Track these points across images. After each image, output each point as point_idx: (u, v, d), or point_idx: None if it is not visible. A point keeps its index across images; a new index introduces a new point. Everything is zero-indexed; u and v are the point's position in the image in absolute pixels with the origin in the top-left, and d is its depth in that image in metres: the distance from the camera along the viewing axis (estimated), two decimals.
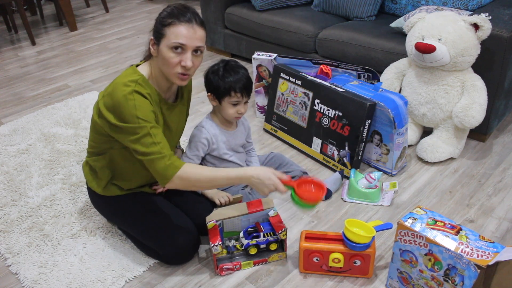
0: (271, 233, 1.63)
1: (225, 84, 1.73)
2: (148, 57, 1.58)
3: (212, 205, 1.78)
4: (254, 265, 1.67)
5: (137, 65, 1.59)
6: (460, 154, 2.20)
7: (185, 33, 1.45)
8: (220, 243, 1.56)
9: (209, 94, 1.79)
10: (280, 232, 1.59)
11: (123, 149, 1.59)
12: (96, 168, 1.68)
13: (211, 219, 1.60)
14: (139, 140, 1.45)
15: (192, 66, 1.49)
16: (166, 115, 1.62)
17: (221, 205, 1.78)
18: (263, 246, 1.64)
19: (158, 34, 1.48)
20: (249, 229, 1.65)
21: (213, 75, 1.76)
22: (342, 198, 1.98)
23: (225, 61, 1.78)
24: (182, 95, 1.71)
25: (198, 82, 2.77)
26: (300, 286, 1.59)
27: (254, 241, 1.62)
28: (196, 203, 1.77)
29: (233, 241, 1.65)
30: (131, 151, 1.50)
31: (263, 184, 1.49)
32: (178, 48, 1.46)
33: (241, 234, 1.64)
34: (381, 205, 1.93)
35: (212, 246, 1.55)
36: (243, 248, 1.63)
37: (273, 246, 1.66)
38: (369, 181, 1.94)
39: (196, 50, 1.49)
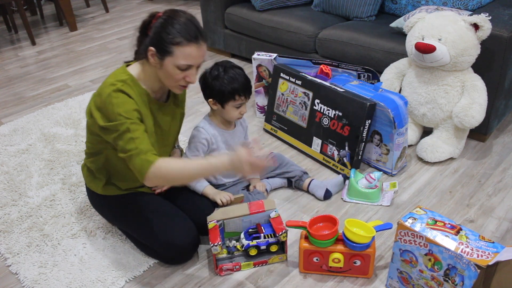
0: (272, 234, 1.63)
1: (229, 89, 1.73)
2: (141, 59, 1.54)
3: (213, 205, 1.78)
4: (254, 266, 1.67)
5: (128, 65, 1.57)
6: (460, 154, 2.20)
7: (194, 54, 1.46)
8: (220, 243, 1.56)
9: (210, 99, 1.79)
10: (280, 233, 1.59)
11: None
12: (93, 169, 1.68)
13: (212, 219, 1.60)
14: (119, 136, 1.43)
15: None
16: (157, 115, 1.61)
17: (222, 205, 1.78)
18: (263, 247, 1.64)
19: (163, 49, 1.44)
20: (250, 230, 1.65)
21: (215, 81, 1.75)
22: (342, 198, 1.98)
23: (223, 65, 1.77)
24: (174, 95, 1.70)
25: (197, 82, 2.77)
26: (300, 286, 1.59)
27: (254, 242, 1.62)
28: (197, 203, 1.77)
29: (233, 242, 1.65)
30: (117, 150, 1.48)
31: (235, 167, 1.40)
32: (186, 67, 1.47)
33: (242, 235, 1.64)
34: (381, 205, 1.93)
35: (212, 246, 1.55)
36: (243, 248, 1.63)
37: (274, 248, 1.65)
38: (369, 181, 1.94)
39: (198, 65, 1.51)
